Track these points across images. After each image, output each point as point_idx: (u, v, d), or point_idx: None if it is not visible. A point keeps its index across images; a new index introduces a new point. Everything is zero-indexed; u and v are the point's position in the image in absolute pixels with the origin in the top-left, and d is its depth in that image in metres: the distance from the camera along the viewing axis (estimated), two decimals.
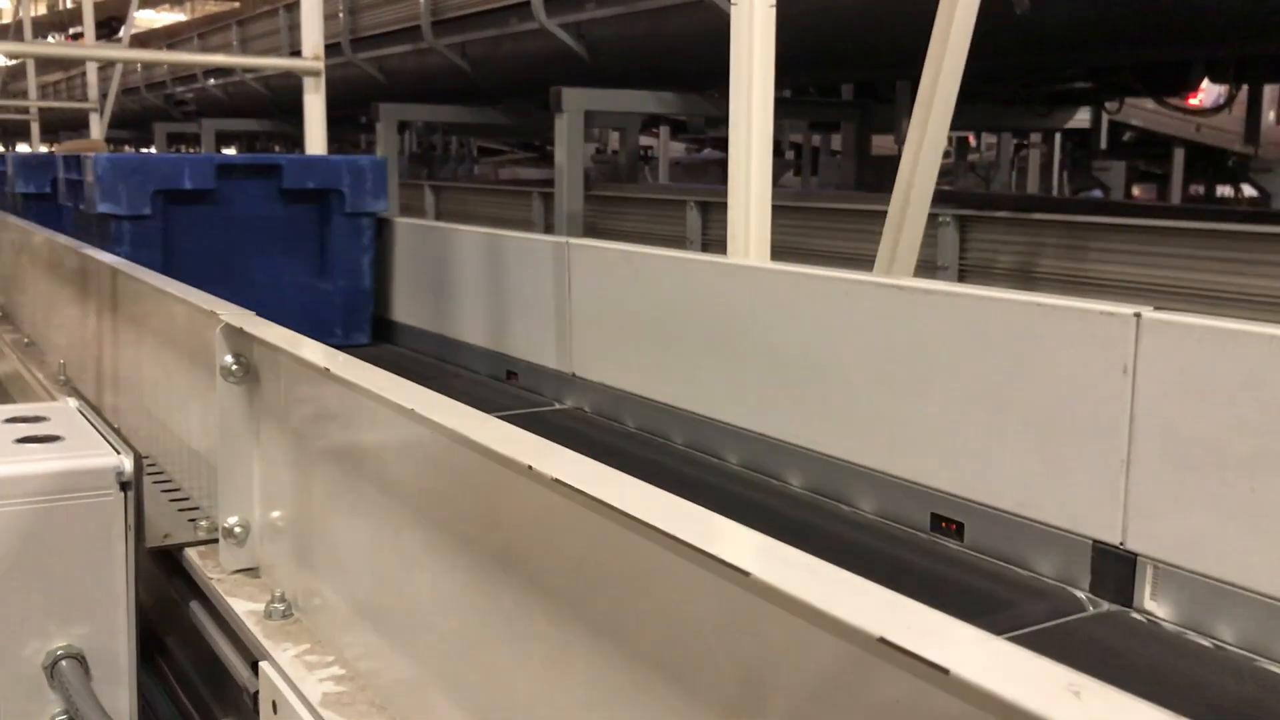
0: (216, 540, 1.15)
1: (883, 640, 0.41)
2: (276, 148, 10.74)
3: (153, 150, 10.53)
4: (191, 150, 10.95)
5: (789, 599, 0.45)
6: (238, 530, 1.12)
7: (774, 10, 2.22)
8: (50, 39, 14.06)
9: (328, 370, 0.91)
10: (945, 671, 0.38)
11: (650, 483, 0.58)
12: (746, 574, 0.46)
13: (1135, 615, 1.17)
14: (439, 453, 0.75)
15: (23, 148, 12.02)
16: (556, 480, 0.60)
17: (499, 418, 0.72)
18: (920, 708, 0.40)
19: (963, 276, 3.27)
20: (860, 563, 0.73)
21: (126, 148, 12.94)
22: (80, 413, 1.28)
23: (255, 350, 1.10)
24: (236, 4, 11.81)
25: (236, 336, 1.10)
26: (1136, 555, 1.16)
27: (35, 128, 9.43)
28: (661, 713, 0.56)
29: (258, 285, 2.97)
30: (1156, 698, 0.37)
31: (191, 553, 1.18)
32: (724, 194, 2.27)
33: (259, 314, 1.15)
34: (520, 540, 0.68)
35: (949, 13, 2.30)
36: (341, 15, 6.77)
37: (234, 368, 1.10)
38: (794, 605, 0.44)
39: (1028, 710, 0.36)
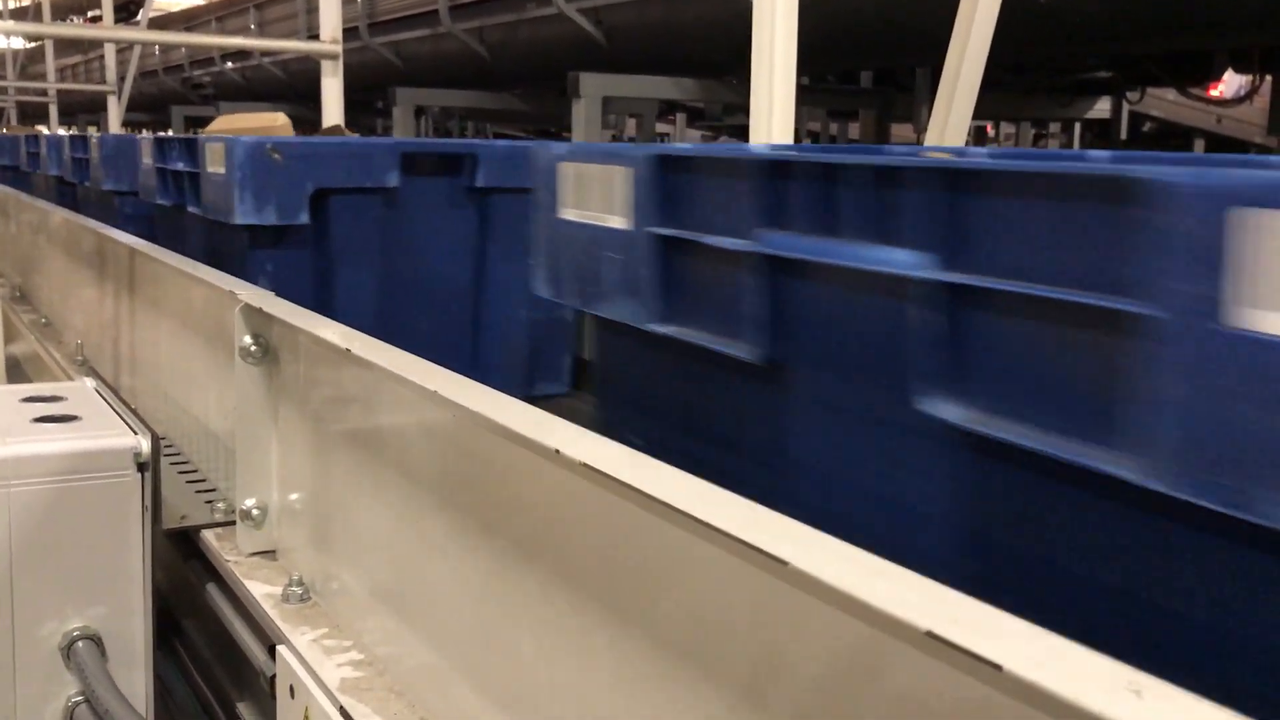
0: (234, 522, 1.14)
1: (930, 634, 0.39)
2: (294, 131, 10.74)
3: (170, 133, 10.53)
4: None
5: (829, 590, 0.43)
6: (255, 513, 1.11)
7: None
8: (69, 21, 14.09)
9: (348, 351, 0.90)
10: (998, 668, 0.37)
11: None
12: (785, 563, 0.45)
13: None
14: (462, 435, 0.74)
15: (41, 129, 12.06)
16: (585, 465, 0.59)
17: None
18: (970, 705, 0.38)
19: None
20: None
21: (198, 130, 12.92)
22: (97, 393, 1.27)
23: (275, 330, 1.09)
24: None
25: (255, 316, 1.09)
26: None
27: (53, 110, 9.46)
28: (690, 703, 0.54)
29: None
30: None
31: (208, 535, 1.17)
32: None
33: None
34: (546, 526, 0.66)
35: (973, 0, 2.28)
36: None
37: (253, 348, 1.09)
38: (835, 597, 0.43)
39: (1085, 709, 0.34)
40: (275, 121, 3.72)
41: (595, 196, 1.03)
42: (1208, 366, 0.54)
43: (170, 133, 10.41)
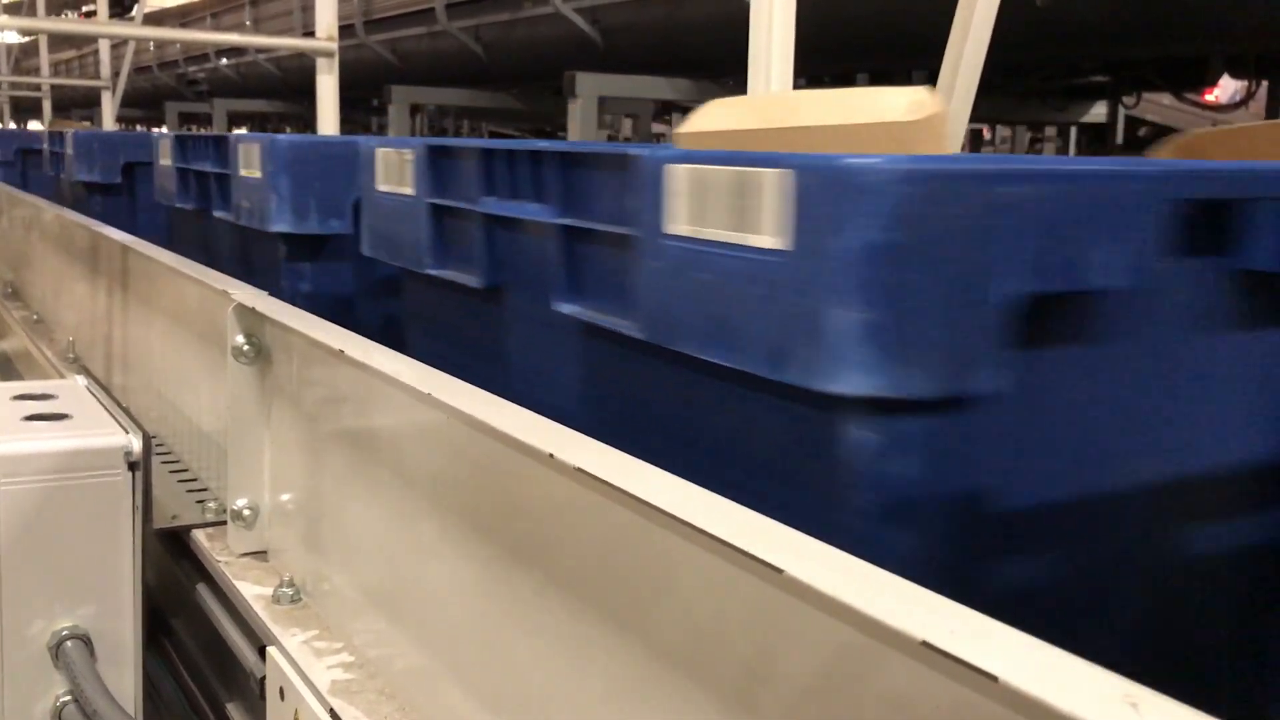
0: (225, 522, 1.13)
1: (926, 644, 0.39)
2: (288, 128, 10.72)
3: (164, 129, 10.45)
4: (204, 130, 10.90)
5: (825, 598, 0.43)
6: (247, 513, 1.11)
7: None
8: (64, 16, 14.06)
9: (342, 352, 0.89)
10: (994, 678, 0.36)
11: None
12: (780, 571, 0.45)
13: None
14: (456, 438, 0.74)
15: (34, 125, 12.02)
16: (579, 469, 0.58)
17: None
18: (966, 716, 0.38)
19: None
20: None
21: (196, 127, 12.82)
22: (89, 391, 1.26)
23: (267, 330, 1.09)
24: None
25: (248, 316, 1.09)
26: None
27: (47, 105, 9.43)
28: (684, 710, 0.54)
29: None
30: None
31: (199, 535, 1.17)
32: None
33: None
34: (540, 530, 0.66)
35: (971, 2, 2.27)
36: None
37: (245, 348, 1.09)
38: (830, 605, 0.43)
39: None
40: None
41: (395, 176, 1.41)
42: (658, 260, 0.88)
43: (165, 129, 10.35)
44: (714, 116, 1.28)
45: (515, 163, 1.17)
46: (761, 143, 1.18)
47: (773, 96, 1.38)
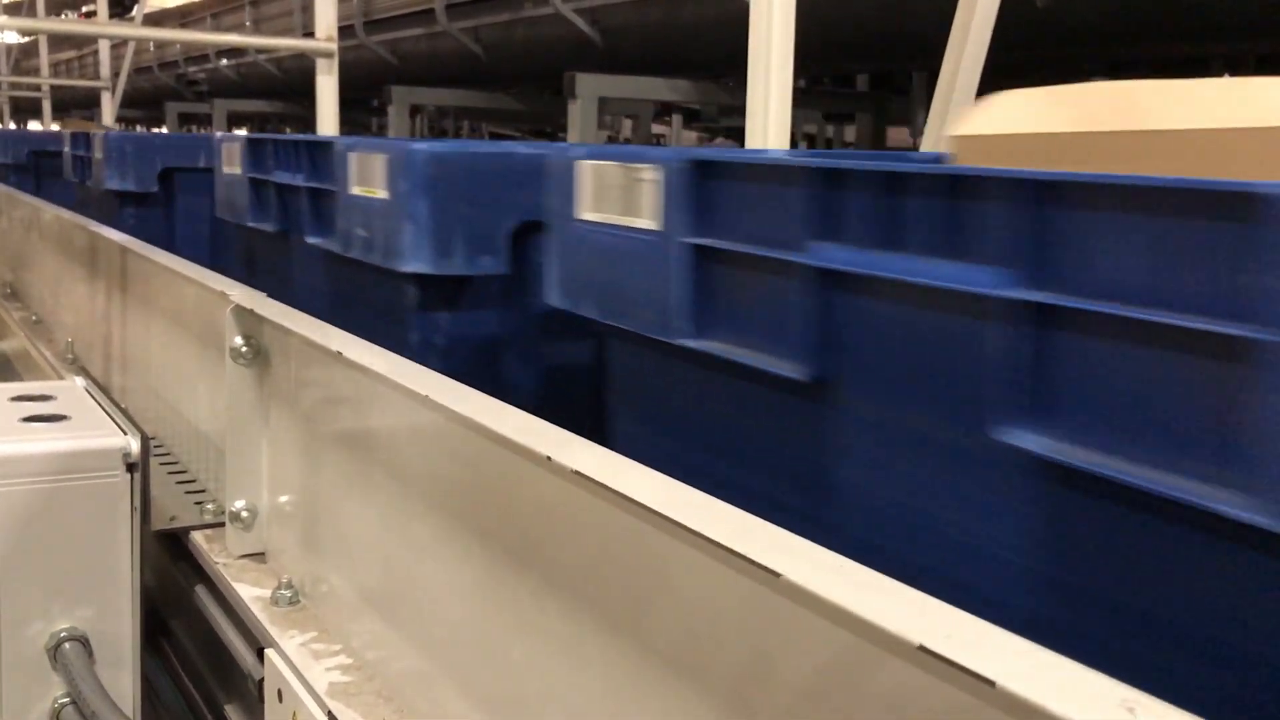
0: (223, 524, 1.13)
1: (922, 648, 0.39)
2: (287, 129, 10.72)
3: (164, 130, 10.46)
4: (204, 130, 10.90)
5: (822, 603, 0.43)
6: (245, 514, 1.11)
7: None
8: (63, 16, 14.06)
9: (340, 354, 0.89)
10: (991, 684, 0.36)
11: None
12: (777, 575, 0.45)
13: None
14: (454, 440, 0.73)
15: (34, 125, 12.02)
16: (576, 472, 0.58)
17: None
18: None
19: None
20: None
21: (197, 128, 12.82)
22: (87, 392, 1.26)
23: (266, 332, 1.08)
24: None
25: (246, 317, 1.09)
26: None
27: (47, 105, 9.44)
28: (680, 712, 0.54)
29: None
30: None
31: (198, 536, 1.17)
32: None
33: None
34: (537, 532, 0.66)
35: (971, 2, 2.27)
36: None
37: (244, 349, 1.09)
38: (827, 609, 0.43)
39: None
40: None
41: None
42: None
43: (164, 129, 10.34)
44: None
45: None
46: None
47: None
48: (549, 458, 0.61)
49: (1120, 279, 0.61)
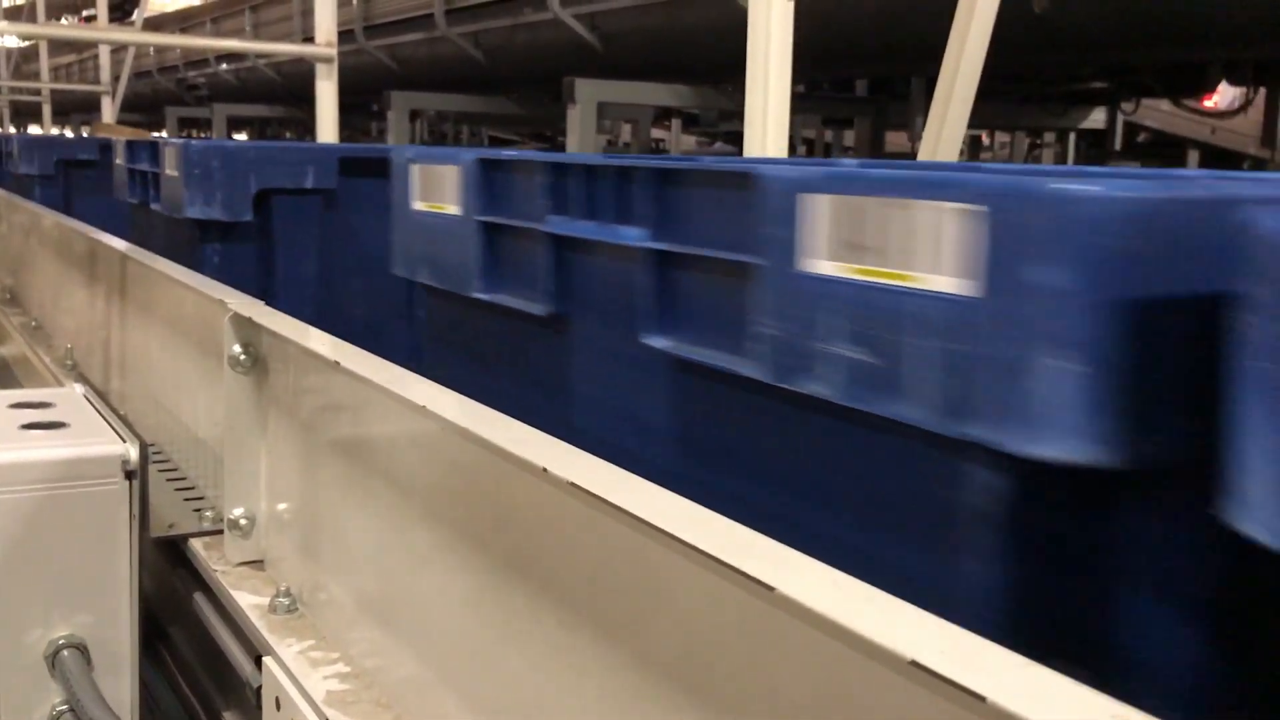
0: (221, 531, 1.13)
1: (915, 663, 0.39)
2: (288, 134, 10.73)
3: (164, 134, 10.48)
4: (203, 135, 10.91)
5: (816, 617, 0.43)
6: (243, 522, 1.11)
7: (792, 4, 2.20)
8: (64, 21, 14.08)
9: (338, 363, 0.90)
10: (982, 699, 0.37)
11: None
12: (771, 589, 0.45)
13: None
14: (451, 450, 0.74)
15: (34, 129, 12.03)
16: (572, 484, 0.58)
17: None
18: None
19: None
20: None
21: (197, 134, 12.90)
22: (86, 399, 1.26)
23: (264, 340, 1.09)
24: None
25: (245, 326, 1.09)
26: None
27: (47, 109, 9.45)
28: None
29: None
30: None
31: (196, 544, 1.17)
32: None
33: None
34: (533, 543, 0.66)
35: (969, 8, 2.28)
36: (355, 2, 6.76)
37: (242, 358, 1.09)
38: (821, 623, 0.43)
39: None
40: None
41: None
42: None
43: (164, 133, 10.37)
44: None
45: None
46: None
47: None
48: (545, 469, 0.61)
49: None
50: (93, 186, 2.96)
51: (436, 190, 1.38)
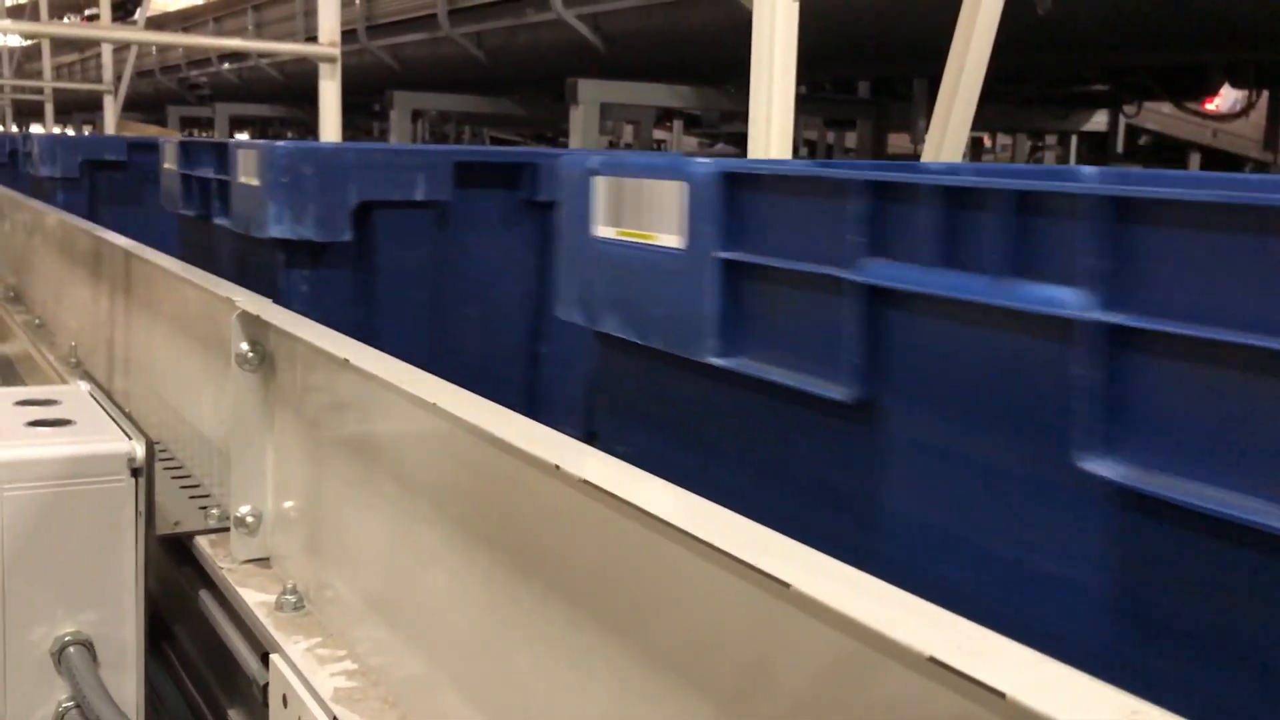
0: (228, 529, 1.13)
1: (933, 660, 0.39)
2: (289, 134, 10.72)
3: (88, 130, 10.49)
4: (205, 134, 10.90)
5: (832, 613, 0.43)
6: (250, 520, 1.11)
7: (797, 6, 2.20)
8: (66, 20, 14.08)
9: (347, 361, 0.90)
10: (1001, 695, 0.37)
11: None
12: (787, 585, 0.45)
13: None
14: (461, 448, 0.74)
15: (36, 128, 12.02)
16: (585, 481, 0.58)
17: None
18: None
19: None
20: None
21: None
22: (92, 396, 1.27)
23: (271, 337, 1.09)
24: None
25: (252, 323, 1.09)
26: None
27: (49, 108, 9.45)
28: None
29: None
30: None
31: (202, 541, 1.17)
32: None
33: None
34: (543, 540, 0.66)
35: (973, 10, 2.28)
36: (358, 2, 6.75)
37: (249, 355, 1.09)
38: (837, 620, 0.43)
39: None
40: None
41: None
42: None
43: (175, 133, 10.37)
44: None
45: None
46: None
47: None
48: (558, 466, 0.61)
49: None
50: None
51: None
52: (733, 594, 0.49)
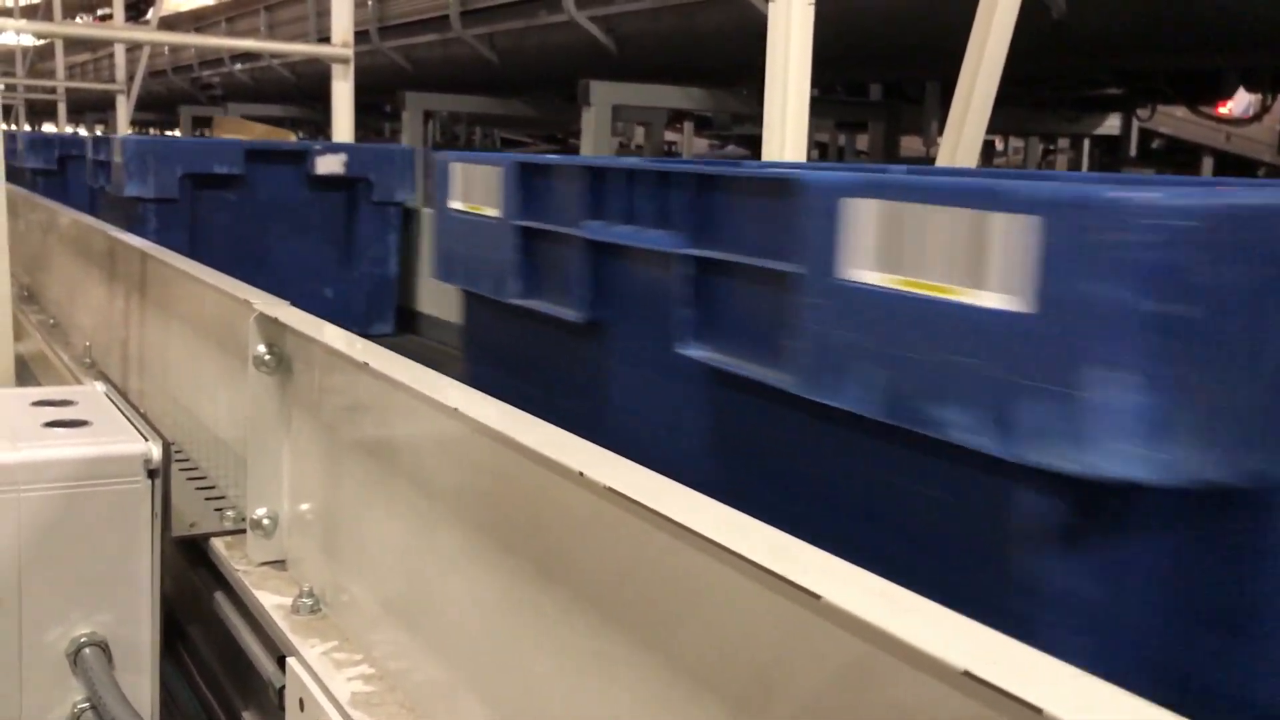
0: (244, 531, 1.13)
1: (968, 674, 0.38)
2: (301, 134, 10.73)
3: (177, 133, 10.52)
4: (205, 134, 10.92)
5: (864, 626, 0.42)
6: (266, 522, 1.11)
7: (813, 9, 2.19)
8: (79, 20, 14.12)
9: (366, 364, 0.89)
10: (1038, 710, 0.36)
11: None
12: (818, 597, 0.44)
13: None
14: (482, 454, 0.73)
15: (48, 127, 12.07)
16: (609, 489, 0.58)
17: None
18: None
19: None
20: None
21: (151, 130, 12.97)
22: (108, 397, 1.26)
23: (289, 340, 1.09)
24: None
25: (270, 326, 1.09)
26: None
27: (62, 108, 9.47)
28: None
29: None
30: None
31: (218, 543, 1.17)
32: None
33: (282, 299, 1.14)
34: (565, 547, 0.66)
35: (989, 13, 2.27)
36: (370, 3, 6.76)
37: (266, 357, 1.09)
38: (870, 633, 0.42)
39: None
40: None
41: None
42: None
43: (179, 132, 10.39)
44: None
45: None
46: None
47: None
48: (582, 473, 0.61)
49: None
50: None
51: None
52: (761, 604, 0.49)
